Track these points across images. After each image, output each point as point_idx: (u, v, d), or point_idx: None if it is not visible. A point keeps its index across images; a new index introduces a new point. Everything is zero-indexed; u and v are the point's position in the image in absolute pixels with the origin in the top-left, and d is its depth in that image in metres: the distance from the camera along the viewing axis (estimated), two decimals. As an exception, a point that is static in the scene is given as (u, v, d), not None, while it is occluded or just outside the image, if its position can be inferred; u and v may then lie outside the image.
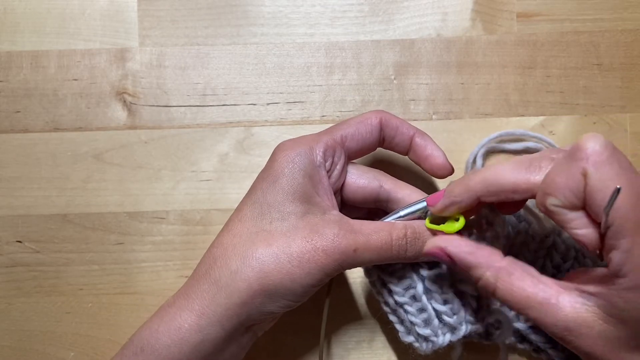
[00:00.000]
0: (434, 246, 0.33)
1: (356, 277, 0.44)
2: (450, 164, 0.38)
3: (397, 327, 0.38)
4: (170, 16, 0.45)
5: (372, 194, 0.37)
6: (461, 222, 0.34)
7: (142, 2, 0.45)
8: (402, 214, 0.36)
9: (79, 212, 0.44)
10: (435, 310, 0.36)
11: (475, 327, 0.36)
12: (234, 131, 0.44)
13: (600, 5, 0.45)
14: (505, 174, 0.31)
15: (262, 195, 0.34)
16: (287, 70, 0.45)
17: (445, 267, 0.36)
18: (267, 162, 0.36)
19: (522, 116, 0.44)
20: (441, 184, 0.44)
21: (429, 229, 0.35)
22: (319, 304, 0.38)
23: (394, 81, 0.45)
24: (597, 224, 0.29)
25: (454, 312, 0.36)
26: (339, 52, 0.45)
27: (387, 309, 0.38)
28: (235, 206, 0.43)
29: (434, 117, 0.45)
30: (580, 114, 0.44)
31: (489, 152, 0.44)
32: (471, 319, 0.36)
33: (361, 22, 0.45)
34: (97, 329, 0.44)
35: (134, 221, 0.44)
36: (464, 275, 0.34)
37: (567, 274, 0.33)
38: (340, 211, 0.38)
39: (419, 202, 0.36)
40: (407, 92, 0.45)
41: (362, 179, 0.37)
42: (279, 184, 0.34)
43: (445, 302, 0.36)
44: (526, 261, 0.33)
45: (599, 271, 0.31)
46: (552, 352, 0.39)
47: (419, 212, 0.36)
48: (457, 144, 0.44)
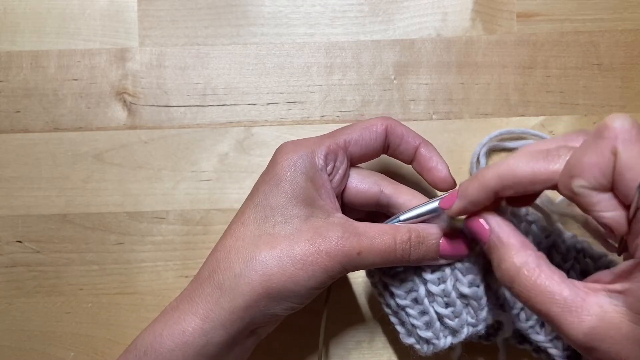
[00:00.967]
0: (476, 217, 0.32)
1: (357, 277, 0.44)
2: (452, 178, 0.38)
3: (398, 328, 0.38)
4: (170, 16, 0.45)
5: (373, 199, 0.37)
6: None
7: (142, 2, 0.45)
8: (408, 216, 0.36)
9: (79, 212, 0.44)
10: (436, 313, 0.36)
11: (476, 329, 0.36)
12: (234, 131, 0.44)
13: (600, 5, 0.45)
14: (521, 166, 0.30)
15: (264, 198, 0.34)
16: (287, 70, 0.45)
17: (448, 270, 0.36)
18: (269, 164, 0.36)
19: (522, 116, 0.44)
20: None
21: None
22: (319, 304, 0.38)
23: (394, 81, 0.45)
24: (626, 206, 0.27)
25: (455, 315, 0.36)
26: (339, 52, 0.45)
27: (388, 311, 0.38)
28: (235, 206, 0.44)
29: (434, 117, 0.45)
30: (580, 114, 0.44)
31: (491, 151, 0.44)
32: (472, 321, 0.36)
33: (361, 22, 0.45)
34: (97, 329, 0.44)
35: (134, 221, 0.44)
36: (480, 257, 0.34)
37: (590, 277, 0.31)
38: (343, 212, 0.38)
39: (426, 204, 0.36)
40: (407, 92, 0.45)
41: (362, 184, 0.37)
42: (281, 187, 0.34)
43: (447, 306, 0.36)
44: None
45: (624, 267, 0.29)
46: (552, 351, 0.39)
47: (425, 215, 0.36)
48: (457, 144, 0.44)
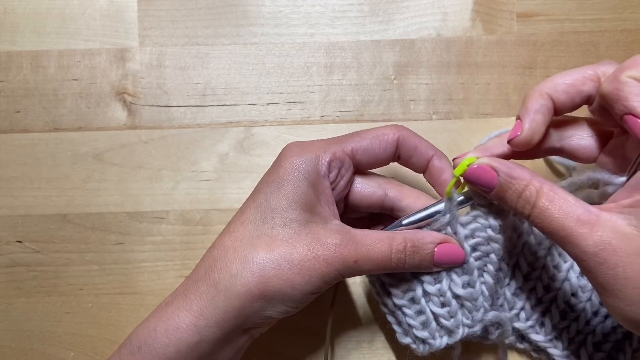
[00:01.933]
0: (479, 163, 0.33)
1: (357, 278, 0.44)
2: None
3: (395, 328, 0.38)
4: (170, 16, 0.45)
5: (377, 202, 0.37)
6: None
7: (142, 2, 0.45)
8: (409, 220, 0.36)
9: (79, 212, 0.44)
10: (433, 313, 0.36)
11: (472, 330, 0.36)
12: (234, 131, 0.44)
13: (600, 5, 0.45)
14: (568, 73, 0.34)
15: (265, 199, 0.34)
16: (287, 70, 0.45)
17: (444, 273, 0.36)
18: (273, 165, 0.35)
19: (522, 116, 0.44)
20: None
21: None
22: (320, 304, 0.38)
23: (394, 81, 0.45)
24: None
25: (451, 315, 0.36)
26: (339, 52, 0.45)
27: (385, 310, 0.38)
28: (235, 206, 0.44)
29: (434, 117, 0.45)
30: (580, 114, 0.44)
31: None
32: (468, 322, 0.36)
33: (361, 22, 0.45)
34: (97, 329, 0.44)
35: (134, 221, 0.44)
36: (494, 202, 0.35)
37: (608, 200, 0.32)
38: (342, 215, 0.38)
39: (427, 209, 0.36)
40: (407, 92, 0.45)
41: (367, 188, 0.37)
42: (283, 190, 0.34)
43: (442, 305, 0.36)
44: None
45: (638, 178, 0.31)
46: (552, 351, 0.39)
47: (426, 219, 0.36)
48: (457, 144, 0.44)
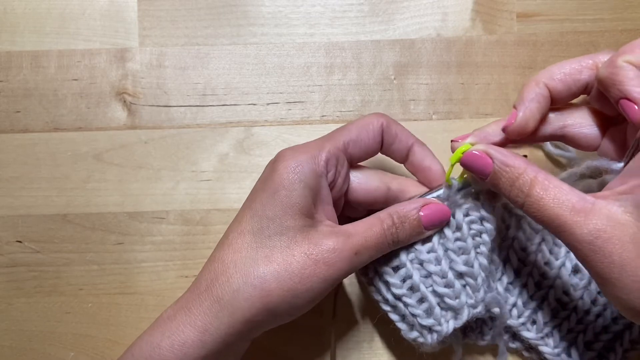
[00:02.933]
0: (475, 150, 0.34)
1: (355, 278, 0.44)
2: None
3: (399, 325, 0.38)
4: (170, 16, 0.45)
5: (381, 197, 0.37)
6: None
7: (142, 2, 0.45)
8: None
9: (79, 212, 0.44)
10: (436, 295, 0.36)
11: (476, 311, 0.36)
12: (234, 131, 0.44)
13: (600, 5, 0.45)
14: (566, 62, 0.35)
15: (261, 208, 0.34)
16: (287, 70, 0.45)
17: (441, 252, 0.37)
18: (267, 171, 0.35)
19: (522, 116, 0.44)
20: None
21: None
22: (319, 304, 0.38)
23: (394, 81, 0.45)
24: None
25: (455, 296, 0.36)
26: (339, 52, 0.45)
27: (387, 308, 0.38)
28: (235, 206, 0.44)
29: (434, 117, 0.45)
30: (580, 114, 0.44)
31: None
32: (472, 302, 0.36)
33: (361, 22, 0.45)
34: (97, 329, 0.44)
35: (134, 221, 0.44)
36: (484, 186, 0.36)
37: (604, 188, 0.32)
38: (342, 213, 0.38)
39: (434, 192, 0.37)
40: (407, 92, 0.45)
41: (369, 184, 0.37)
42: (278, 197, 0.34)
43: (446, 286, 0.36)
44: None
45: (633, 165, 0.31)
46: (543, 349, 0.39)
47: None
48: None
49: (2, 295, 0.44)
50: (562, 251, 0.39)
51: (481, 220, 0.37)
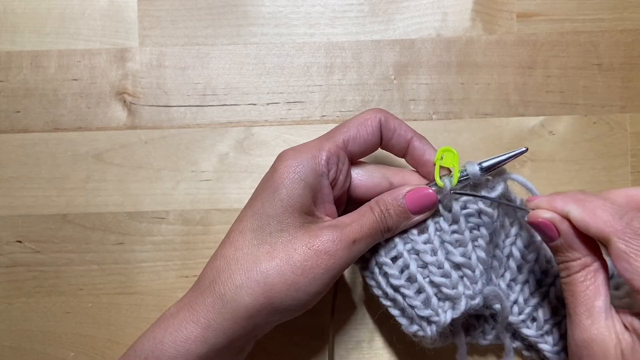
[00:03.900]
0: (545, 218, 0.34)
1: (356, 278, 0.44)
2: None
3: (400, 320, 0.38)
4: (170, 16, 0.45)
5: (383, 192, 0.37)
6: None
7: (142, 2, 0.45)
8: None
9: (79, 212, 0.44)
10: (433, 285, 0.36)
11: (474, 302, 0.36)
12: (234, 131, 0.44)
13: (600, 5, 0.45)
14: (593, 220, 0.33)
15: (261, 206, 0.34)
16: (287, 70, 0.45)
17: (437, 243, 0.37)
18: (269, 171, 0.36)
19: (522, 116, 0.44)
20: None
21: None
22: (319, 304, 0.38)
23: (394, 81, 0.45)
24: None
25: (452, 286, 0.36)
26: (339, 52, 0.45)
27: (387, 303, 0.38)
28: (235, 206, 0.44)
29: (434, 117, 0.45)
30: (580, 114, 0.45)
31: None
32: (469, 293, 0.36)
33: (361, 22, 0.45)
34: (97, 329, 0.44)
35: (134, 221, 0.44)
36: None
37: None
38: (346, 208, 0.38)
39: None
40: (407, 92, 0.45)
41: (371, 179, 0.38)
42: (278, 195, 0.34)
43: (443, 276, 0.36)
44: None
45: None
46: (543, 346, 0.39)
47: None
48: (457, 144, 0.44)
49: (2, 295, 0.44)
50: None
51: (479, 213, 0.37)
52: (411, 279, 0.37)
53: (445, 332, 0.38)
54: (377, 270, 0.38)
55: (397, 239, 0.37)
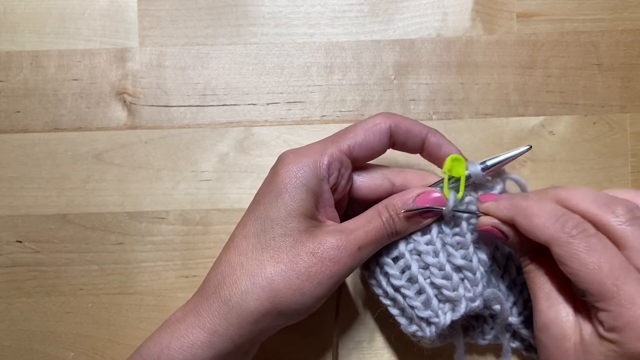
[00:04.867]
0: (490, 224, 0.35)
1: (356, 277, 0.44)
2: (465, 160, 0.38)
3: (399, 319, 0.38)
4: (170, 16, 0.45)
5: (385, 194, 0.37)
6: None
7: (142, 2, 0.45)
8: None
9: (79, 212, 0.44)
10: (434, 287, 0.36)
11: (474, 305, 0.36)
12: (234, 131, 0.44)
13: (600, 5, 0.45)
14: (532, 228, 0.33)
15: (264, 210, 0.34)
16: (287, 70, 0.45)
17: (439, 244, 0.37)
18: (270, 174, 0.35)
19: (522, 116, 0.44)
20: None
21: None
22: (322, 305, 0.38)
23: (394, 81, 0.45)
24: None
25: (453, 288, 0.36)
26: (339, 52, 0.45)
27: (387, 302, 0.38)
28: (235, 206, 0.44)
29: (434, 117, 0.45)
30: (580, 114, 0.45)
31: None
32: (470, 295, 0.36)
33: (361, 22, 0.45)
34: (97, 329, 0.44)
35: (134, 221, 0.44)
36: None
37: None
38: (347, 210, 0.38)
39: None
40: (407, 92, 0.45)
41: (372, 181, 0.37)
42: (281, 200, 0.34)
43: (444, 278, 0.36)
44: None
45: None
46: None
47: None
48: (457, 144, 0.44)
49: (2, 295, 0.44)
50: None
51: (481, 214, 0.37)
52: (412, 280, 0.37)
53: (443, 333, 0.38)
54: (377, 269, 0.38)
55: (399, 240, 0.37)
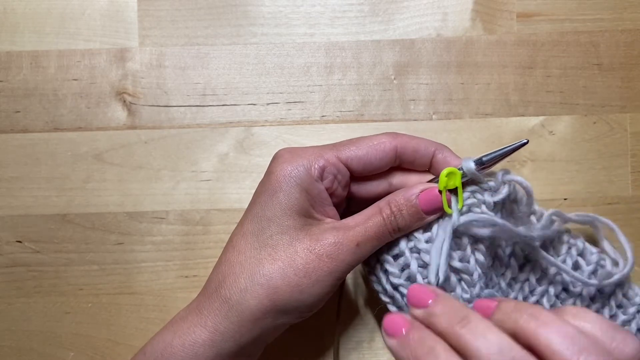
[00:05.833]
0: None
1: (356, 277, 0.44)
2: None
3: None
4: (170, 16, 0.45)
5: (383, 193, 0.37)
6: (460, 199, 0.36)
7: (142, 2, 0.45)
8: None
9: (79, 212, 0.44)
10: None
11: (471, 306, 0.36)
12: (234, 131, 0.44)
13: (600, 5, 0.45)
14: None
15: (261, 210, 0.35)
16: (287, 70, 0.45)
17: (439, 241, 0.36)
18: (266, 173, 0.36)
19: (522, 116, 0.44)
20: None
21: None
22: (322, 306, 0.38)
23: (394, 81, 0.45)
24: None
25: (450, 290, 0.36)
26: (339, 52, 0.45)
27: (386, 299, 0.38)
28: (235, 206, 0.44)
29: (434, 117, 0.45)
30: (580, 114, 0.45)
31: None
32: (467, 297, 0.36)
33: (361, 22, 0.45)
34: (97, 329, 0.44)
35: (134, 221, 0.44)
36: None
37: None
38: (347, 208, 0.38)
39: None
40: (407, 92, 0.45)
41: (370, 181, 0.37)
42: (276, 199, 0.34)
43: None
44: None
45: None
46: None
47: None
48: (457, 144, 0.44)
49: (2, 295, 0.44)
50: (563, 248, 0.40)
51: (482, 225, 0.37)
52: (411, 279, 0.37)
53: None
54: (378, 266, 0.38)
55: (400, 237, 0.37)
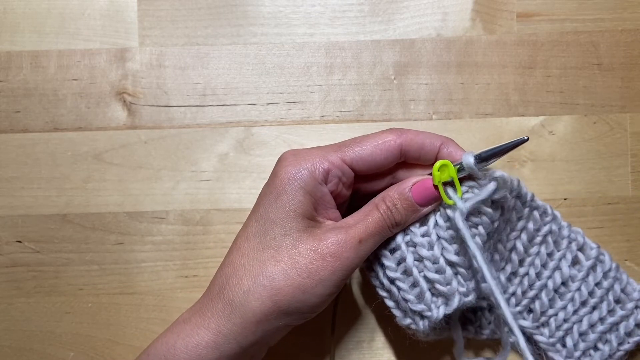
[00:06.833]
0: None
1: (355, 278, 0.44)
2: None
3: (394, 312, 0.38)
4: (170, 16, 0.45)
5: (387, 186, 0.37)
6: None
7: (142, 2, 0.45)
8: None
9: (78, 212, 0.44)
10: (427, 280, 0.36)
11: (467, 299, 0.36)
12: (234, 131, 0.44)
13: (600, 5, 0.45)
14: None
15: (265, 212, 0.35)
16: (287, 70, 0.45)
17: (434, 236, 0.37)
18: (271, 175, 0.36)
19: (522, 116, 0.44)
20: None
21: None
22: (320, 315, 0.38)
23: (394, 81, 0.45)
24: None
25: (446, 282, 0.36)
26: (339, 52, 0.45)
27: (383, 294, 0.38)
28: (235, 206, 0.44)
29: (434, 117, 0.45)
30: (580, 114, 0.45)
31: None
32: (463, 290, 0.36)
33: (361, 22, 0.45)
34: (97, 329, 0.44)
35: (134, 221, 0.44)
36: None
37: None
38: (351, 202, 0.38)
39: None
40: (407, 92, 0.45)
41: (374, 179, 0.37)
42: (280, 201, 0.34)
43: (437, 272, 0.36)
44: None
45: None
46: (538, 337, 0.41)
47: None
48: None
49: (2, 295, 0.44)
50: (564, 242, 0.40)
51: (478, 212, 0.37)
52: (407, 272, 0.37)
53: (441, 326, 0.38)
54: (375, 260, 0.38)
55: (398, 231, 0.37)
